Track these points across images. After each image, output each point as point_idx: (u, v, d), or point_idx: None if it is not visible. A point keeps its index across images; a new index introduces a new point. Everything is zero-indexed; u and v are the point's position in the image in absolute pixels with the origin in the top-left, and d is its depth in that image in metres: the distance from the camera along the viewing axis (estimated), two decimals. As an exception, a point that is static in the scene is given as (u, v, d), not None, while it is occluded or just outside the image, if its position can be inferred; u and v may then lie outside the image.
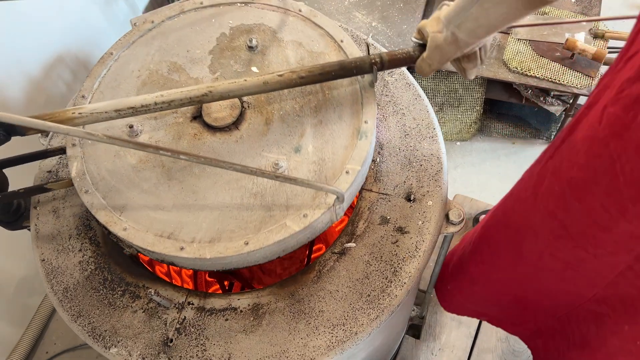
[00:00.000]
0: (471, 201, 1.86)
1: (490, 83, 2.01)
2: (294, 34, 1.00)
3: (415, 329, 1.67)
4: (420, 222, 0.91)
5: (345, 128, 0.89)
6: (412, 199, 0.94)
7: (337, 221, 0.90)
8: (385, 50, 0.92)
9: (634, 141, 0.64)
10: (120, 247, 0.92)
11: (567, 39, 1.78)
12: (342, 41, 0.98)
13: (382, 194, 0.95)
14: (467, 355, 1.61)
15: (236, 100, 0.92)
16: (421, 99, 1.04)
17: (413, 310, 1.56)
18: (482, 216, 1.74)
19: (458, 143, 2.19)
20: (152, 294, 0.81)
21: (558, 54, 1.84)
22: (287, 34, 1.00)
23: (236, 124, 0.91)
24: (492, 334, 1.63)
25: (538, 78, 1.83)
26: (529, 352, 1.33)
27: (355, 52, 0.96)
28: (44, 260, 0.94)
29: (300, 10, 1.02)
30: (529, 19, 1.93)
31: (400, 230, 0.91)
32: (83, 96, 0.97)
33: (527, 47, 1.88)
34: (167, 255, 0.80)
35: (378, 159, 0.98)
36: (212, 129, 0.91)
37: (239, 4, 1.05)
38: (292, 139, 0.89)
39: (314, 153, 0.87)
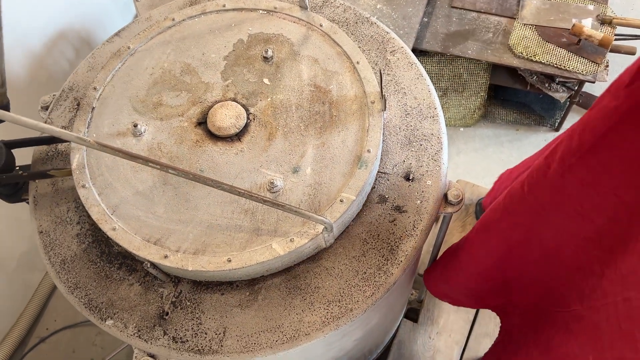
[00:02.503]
0: (473, 186, 1.85)
1: (495, 69, 1.99)
2: (311, 49, 0.99)
3: (413, 313, 1.67)
4: (418, 202, 0.91)
5: (346, 154, 0.88)
6: (410, 178, 0.93)
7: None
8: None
9: None
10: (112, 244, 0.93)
11: (573, 24, 1.76)
12: (358, 63, 0.97)
13: (381, 172, 0.94)
14: (465, 339, 1.61)
15: (242, 110, 0.92)
16: (423, 79, 1.03)
17: (411, 294, 1.56)
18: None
19: (462, 129, 2.18)
20: (148, 266, 0.81)
21: (564, 39, 1.82)
22: (304, 49, 1.00)
23: (239, 135, 0.91)
24: (490, 319, 1.63)
25: (543, 64, 1.81)
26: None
27: (369, 76, 0.95)
28: (42, 232, 0.94)
29: (321, 25, 1.01)
30: (536, 3, 1.90)
31: (398, 209, 0.91)
32: (95, 88, 0.98)
33: (533, 32, 1.86)
34: (151, 261, 0.81)
35: (378, 138, 0.98)
36: (215, 137, 0.91)
37: (261, 11, 1.05)
38: (293, 158, 0.88)
39: (312, 176, 0.87)
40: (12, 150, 0.99)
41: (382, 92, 0.91)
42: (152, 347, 0.84)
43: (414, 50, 1.75)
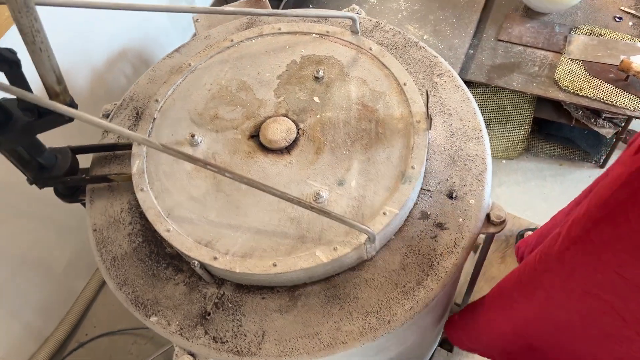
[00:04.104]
0: (514, 218, 1.83)
1: (539, 102, 1.99)
2: (360, 70, 1.03)
3: (447, 344, 1.64)
4: (460, 220, 0.92)
5: (391, 169, 0.91)
6: (454, 196, 0.94)
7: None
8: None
9: None
10: (163, 245, 0.97)
11: (622, 60, 1.75)
12: (405, 84, 1.00)
13: (424, 190, 0.95)
14: (500, 373, 1.57)
15: (292, 125, 0.96)
16: (469, 101, 1.05)
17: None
18: (527, 232, 1.71)
19: (504, 161, 2.17)
20: (196, 264, 0.85)
21: (612, 75, 1.81)
22: (353, 70, 1.04)
23: (288, 148, 0.95)
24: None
25: (590, 98, 1.79)
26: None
27: (415, 97, 0.97)
28: (95, 230, 0.99)
29: (370, 49, 1.06)
30: (583, 39, 1.91)
31: (440, 225, 0.92)
32: (157, 100, 1.05)
33: (579, 67, 1.85)
34: (201, 261, 0.85)
35: (422, 157, 1.00)
36: (266, 149, 0.96)
37: (314, 35, 1.10)
38: (338, 171, 0.91)
39: (356, 189, 0.89)
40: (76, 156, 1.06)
41: (427, 112, 0.94)
42: (193, 346, 0.86)
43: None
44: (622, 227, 0.64)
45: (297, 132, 0.97)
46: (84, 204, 1.08)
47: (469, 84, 1.94)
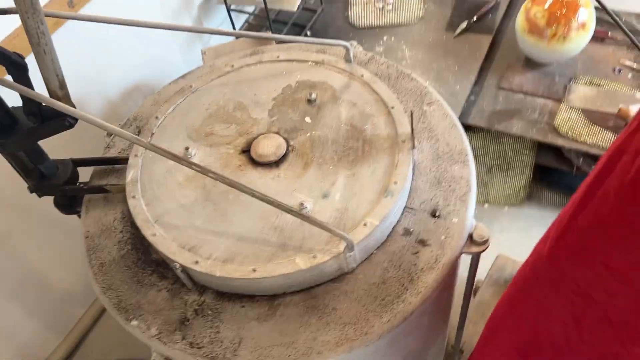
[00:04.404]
0: (514, 262, 1.81)
1: (540, 149, 2.01)
2: (351, 95, 1.09)
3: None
4: (442, 237, 0.93)
5: (375, 184, 0.93)
6: (437, 215, 0.95)
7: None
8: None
9: None
10: (150, 252, 0.99)
11: (619, 108, 1.78)
12: (393, 107, 1.04)
13: (409, 208, 0.97)
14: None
15: (283, 142, 1.01)
16: (457, 128, 1.08)
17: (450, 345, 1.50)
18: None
19: (506, 208, 2.17)
20: (177, 267, 0.86)
21: (611, 123, 1.84)
22: (345, 94, 1.09)
23: (277, 163, 0.99)
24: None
25: (589, 145, 1.81)
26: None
27: (402, 119, 1.01)
28: (87, 237, 1.02)
29: (362, 76, 1.11)
30: (583, 89, 1.95)
31: (422, 242, 0.92)
32: (157, 117, 1.11)
33: (579, 115, 1.88)
34: (183, 265, 0.87)
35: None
36: (256, 163, 1.00)
37: (310, 63, 1.16)
38: (324, 185, 0.94)
39: (340, 202, 0.92)
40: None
41: (412, 131, 0.97)
42: (170, 350, 0.86)
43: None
44: (607, 216, 0.65)
45: (287, 148, 1.00)
46: (80, 216, 1.11)
47: (469, 128, 1.98)
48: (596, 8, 1.88)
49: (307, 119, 1.06)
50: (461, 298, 1.19)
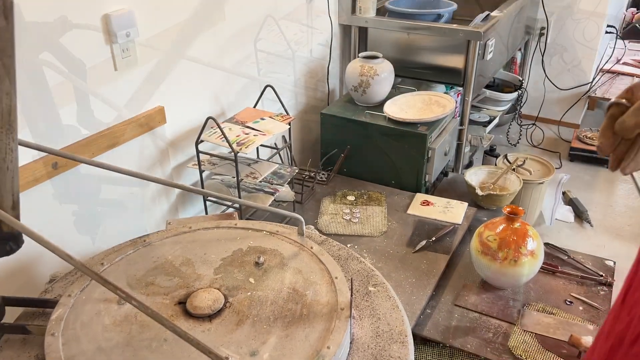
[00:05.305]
0: None
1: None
2: (298, 262, 1.14)
3: None
4: (373, 415, 0.85)
5: (307, 348, 0.92)
6: (370, 392, 0.89)
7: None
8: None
9: None
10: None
11: (570, 335, 1.78)
12: (336, 278, 1.08)
13: (341, 382, 0.91)
14: None
15: (221, 297, 1.01)
16: (399, 310, 1.08)
17: None
18: None
19: None
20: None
21: (564, 351, 1.82)
22: (292, 262, 1.14)
23: (211, 317, 0.98)
24: None
25: (545, 370, 1.76)
26: None
27: (344, 289, 1.05)
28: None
29: (312, 248, 1.18)
30: (535, 315, 1.98)
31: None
32: (102, 263, 1.12)
33: (532, 339, 1.87)
34: None
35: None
36: (189, 315, 0.98)
37: (265, 232, 1.24)
38: (254, 343, 0.93)
39: None
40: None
41: (351, 300, 0.97)
42: None
43: (414, 337, 1.78)
44: None
45: (225, 304, 0.99)
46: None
47: (424, 341, 1.94)
48: (546, 244, 2.03)
49: (251, 280, 1.06)
50: None
